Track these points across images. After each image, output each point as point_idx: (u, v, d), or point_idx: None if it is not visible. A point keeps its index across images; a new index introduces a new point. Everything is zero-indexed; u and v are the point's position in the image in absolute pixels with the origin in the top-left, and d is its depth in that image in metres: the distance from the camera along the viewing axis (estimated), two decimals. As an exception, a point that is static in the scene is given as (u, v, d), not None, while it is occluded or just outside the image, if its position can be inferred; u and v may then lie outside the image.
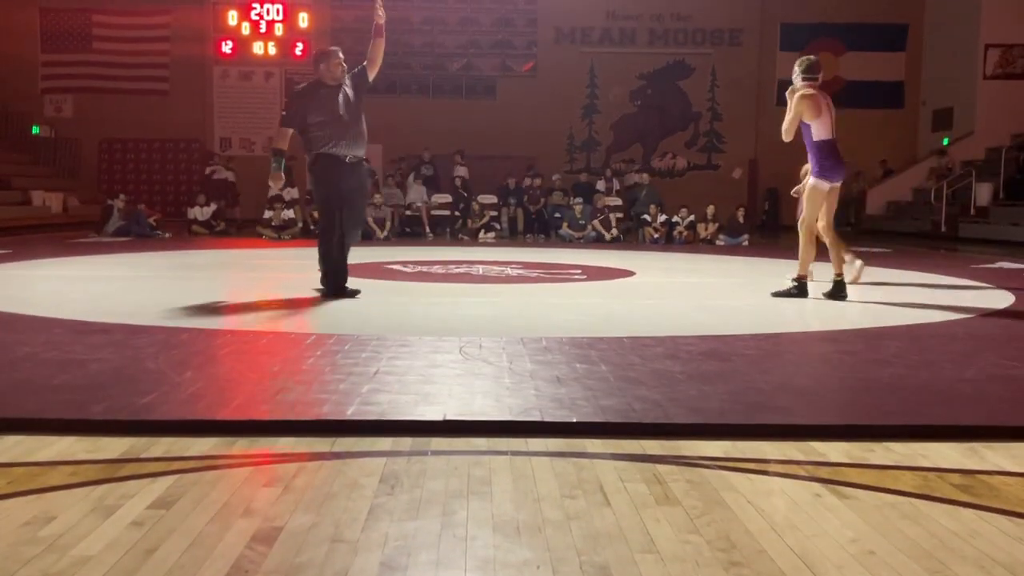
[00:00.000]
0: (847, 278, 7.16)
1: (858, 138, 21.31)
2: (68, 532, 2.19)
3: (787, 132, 6.80)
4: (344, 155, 6.60)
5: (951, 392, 3.73)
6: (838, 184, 6.94)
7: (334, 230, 6.66)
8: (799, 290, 6.95)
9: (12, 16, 20.68)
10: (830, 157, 6.80)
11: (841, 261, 7.12)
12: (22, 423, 3.05)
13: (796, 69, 6.90)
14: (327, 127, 6.58)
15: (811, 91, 6.72)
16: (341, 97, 6.66)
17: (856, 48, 21.45)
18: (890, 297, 7.34)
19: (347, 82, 6.77)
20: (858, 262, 8.24)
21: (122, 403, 3.28)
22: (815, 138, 6.76)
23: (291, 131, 6.76)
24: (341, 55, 6.79)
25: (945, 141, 19.97)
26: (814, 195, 6.87)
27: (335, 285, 6.74)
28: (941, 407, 3.50)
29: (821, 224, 7.09)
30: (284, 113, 6.92)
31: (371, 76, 6.85)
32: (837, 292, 6.90)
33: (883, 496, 2.54)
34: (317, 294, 6.81)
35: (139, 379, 3.66)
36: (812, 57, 7.01)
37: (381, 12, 6.78)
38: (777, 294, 7.03)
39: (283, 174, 6.85)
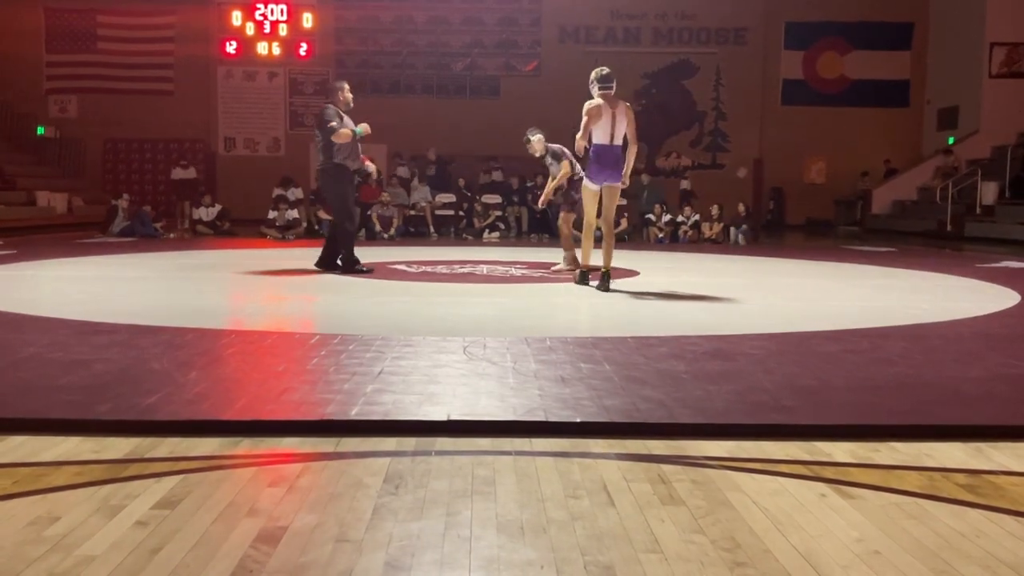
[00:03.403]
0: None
1: (863, 137, 21.34)
2: (73, 532, 2.19)
3: (581, 138, 7.33)
4: (352, 167, 8.57)
5: (956, 392, 3.72)
6: (611, 185, 7.34)
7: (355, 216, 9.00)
8: (581, 278, 7.68)
9: (17, 16, 20.71)
10: (597, 161, 7.30)
11: (610, 255, 7.53)
12: (27, 423, 3.05)
13: (592, 76, 7.43)
14: (347, 145, 8.43)
15: (596, 102, 7.28)
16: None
17: (861, 47, 21.42)
18: (895, 296, 7.33)
19: None
20: (566, 257, 8.95)
21: (127, 403, 3.28)
22: (593, 141, 7.29)
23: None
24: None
25: (951, 140, 19.93)
26: (585, 194, 7.53)
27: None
28: (946, 407, 3.49)
29: (599, 219, 7.56)
30: (334, 123, 8.36)
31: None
32: (603, 282, 7.39)
33: (888, 496, 2.54)
34: (322, 295, 6.82)
35: (144, 379, 3.66)
36: (605, 69, 7.48)
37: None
38: (575, 280, 7.73)
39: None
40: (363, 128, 8.51)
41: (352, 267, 8.59)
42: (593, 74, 7.43)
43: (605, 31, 21.56)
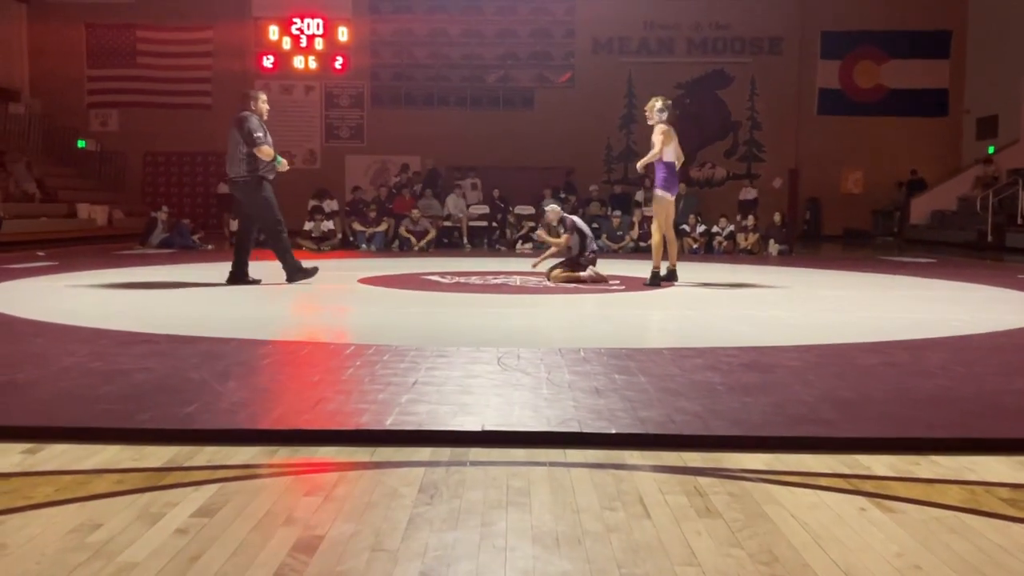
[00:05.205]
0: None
1: (901, 147, 21.10)
2: (114, 539, 2.22)
3: (653, 157, 8.53)
4: (271, 177, 8.36)
5: (998, 404, 3.65)
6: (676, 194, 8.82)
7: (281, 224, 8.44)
8: (655, 279, 8.73)
9: (59, 33, 21.16)
10: (674, 175, 8.69)
11: (675, 256, 9.01)
12: (69, 432, 3.10)
13: (659, 104, 8.69)
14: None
15: (668, 127, 8.59)
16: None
17: (898, 56, 21.21)
18: (935, 308, 7.22)
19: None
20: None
21: (166, 412, 3.32)
22: (664, 159, 8.56)
23: None
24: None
25: (991, 149, 19.64)
26: (665, 204, 8.66)
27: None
28: (988, 419, 3.43)
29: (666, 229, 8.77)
30: (260, 135, 8.22)
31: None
32: (670, 278, 8.79)
33: (929, 510, 2.50)
34: (356, 305, 6.85)
35: (183, 389, 3.71)
36: (669, 99, 8.91)
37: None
38: (649, 284, 8.70)
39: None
40: (284, 163, 8.41)
41: (296, 274, 8.37)
42: (660, 103, 8.73)
43: (639, 42, 21.54)
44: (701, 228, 15.47)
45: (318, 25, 21.32)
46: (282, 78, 21.43)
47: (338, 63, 21.33)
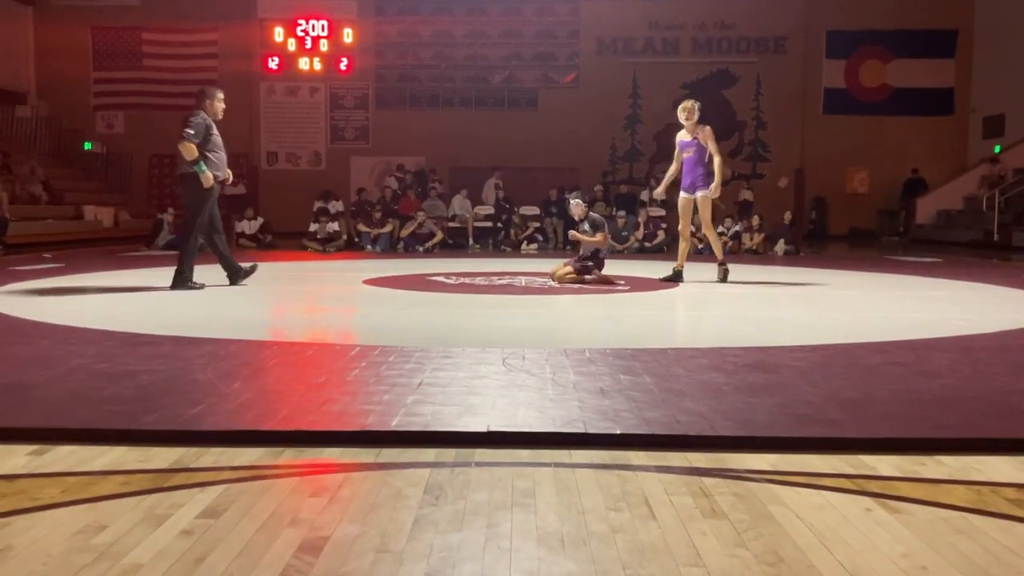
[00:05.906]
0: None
1: (907, 146, 21.06)
2: (119, 541, 2.23)
3: (721, 167, 8.78)
4: (221, 177, 8.38)
5: (1005, 404, 3.64)
6: None
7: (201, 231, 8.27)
8: (726, 275, 9.16)
9: (66, 35, 21.22)
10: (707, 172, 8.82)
11: (683, 258, 9.24)
12: (75, 433, 3.11)
13: (697, 106, 8.90)
14: (217, 154, 8.45)
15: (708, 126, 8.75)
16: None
17: (904, 55, 21.18)
18: (941, 308, 7.21)
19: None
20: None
21: (172, 414, 3.33)
22: (705, 160, 8.82)
23: None
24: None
25: (997, 148, 19.59)
26: (709, 202, 8.96)
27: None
28: (995, 419, 3.42)
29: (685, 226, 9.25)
30: (190, 132, 8.24)
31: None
32: (675, 278, 9.05)
33: (935, 511, 2.49)
34: (362, 306, 6.86)
35: (188, 390, 3.72)
36: (698, 102, 9.04)
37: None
38: (664, 279, 9.04)
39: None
40: (207, 175, 8.09)
41: (185, 286, 8.02)
42: (699, 104, 9.00)
43: (643, 42, 21.53)
44: (706, 228, 15.44)
45: (323, 27, 21.35)
46: (287, 79, 21.46)
47: (343, 64, 21.36)
